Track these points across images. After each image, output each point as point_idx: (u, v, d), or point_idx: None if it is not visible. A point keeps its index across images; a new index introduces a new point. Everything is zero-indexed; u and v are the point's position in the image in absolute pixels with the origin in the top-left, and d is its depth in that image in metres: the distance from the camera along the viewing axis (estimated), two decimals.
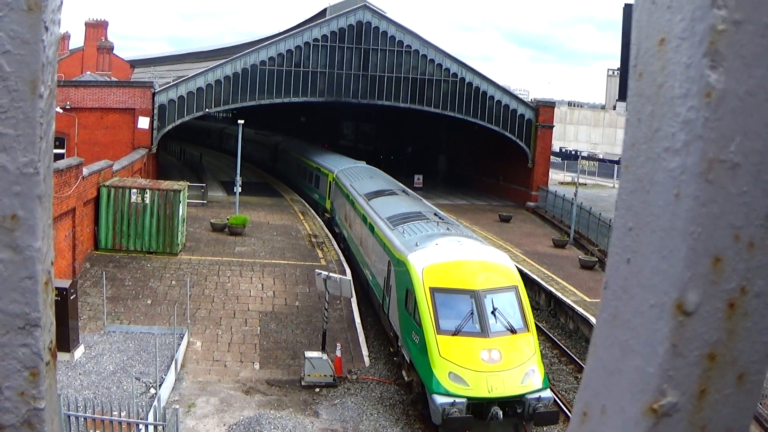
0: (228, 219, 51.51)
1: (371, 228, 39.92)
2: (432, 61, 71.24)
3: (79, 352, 28.99)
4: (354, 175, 55.08)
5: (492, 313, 27.61)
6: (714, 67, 1.14)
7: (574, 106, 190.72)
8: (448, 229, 34.71)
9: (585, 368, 1.40)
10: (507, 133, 73.35)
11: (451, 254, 30.17)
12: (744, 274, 1.20)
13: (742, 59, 1.14)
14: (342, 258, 47.05)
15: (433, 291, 28.04)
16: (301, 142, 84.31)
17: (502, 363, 26.28)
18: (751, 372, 1.24)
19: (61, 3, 1.45)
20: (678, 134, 1.18)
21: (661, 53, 1.22)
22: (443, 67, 71.48)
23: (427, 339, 26.75)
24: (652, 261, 1.23)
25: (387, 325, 34.48)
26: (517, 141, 73.61)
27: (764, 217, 1.19)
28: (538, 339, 29.51)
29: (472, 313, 27.40)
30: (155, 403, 24.39)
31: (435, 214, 39.30)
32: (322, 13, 72.80)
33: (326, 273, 33.14)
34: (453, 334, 26.71)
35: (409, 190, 50.74)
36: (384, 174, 58.14)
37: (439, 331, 26.84)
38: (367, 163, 66.87)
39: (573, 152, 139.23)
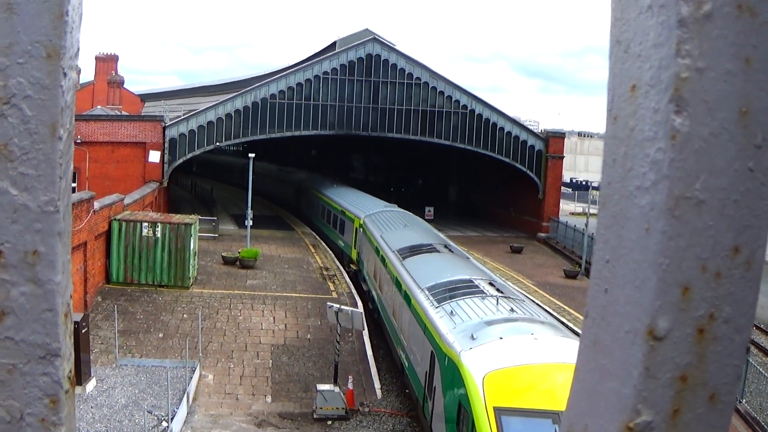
0: (239, 252, 51.55)
1: (407, 298, 31.74)
2: (441, 93, 71.43)
3: (90, 385, 29.01)
4: (384, 223, 47.62)
5: None
6: (679, 111, 1.24)
7: (585, 136, 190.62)
8: (512, 309, 25.78)
9: (570, 391, 1.49)
10: (517, 165, 73.41)
11: (523, 354, 21.56)
12: (712, 302, 1.29)
13: (705, 104, 1.24)
14: (353, 291, 46.95)
15: (500, 413, 20.04)
16: (325, 180, 78.22)
17: None
18: (722, 393, 1.32)
19: (78, 49, 1.54)
20: (648, 174, 1.28)
21: (632, 99, 1.32)
22: (453, 99, 71.64)
23: None
24: (627, 290, 1.32)
25: None
26: (528, 172, 73.66)
27: (730, 249, 1.28)
28: None
29: None
30: None
31: (491, 284, 30.26)
32: (332, 46, 73.19)
33: (338, 306, 33.10)
34: None
35: (453, 245, 42.39)
36: (420, 221, 51.47)
37: None
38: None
39: (584, 183, 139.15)
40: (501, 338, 22.47)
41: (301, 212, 78.48)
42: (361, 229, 50.66)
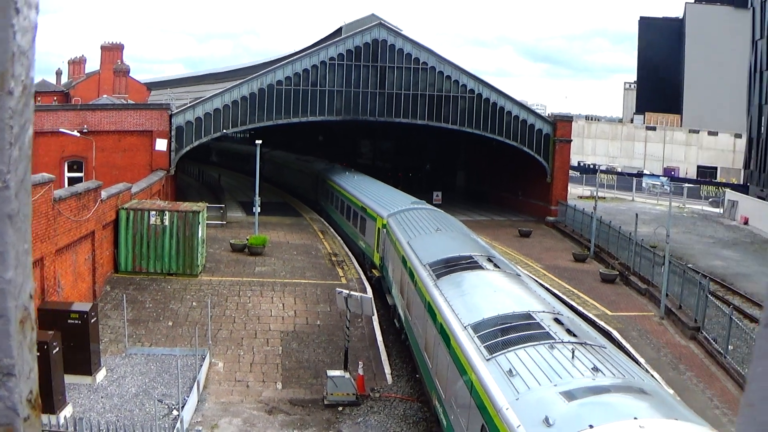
0: (247, 239, 51.49)
1: (444, 335, 24.18)
2: (448, 77, 71.26)
3: (101, 375, 28.96)
4: (412, 225, 40.21)
5: None
6: None
7: (592, 119, 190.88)
8: (595, 368, 17.81)
9: (737, 423, 1.25)
10: (525, 148, 73.32)
11: None
12: None
13: None
14: (362, 276, 46.83)
15: None
16: (345, 171, 72.52)
17: None
18: None
19: None
20: None
21: None
22: (460, 84, 71.48)
23: None
24: None
25: None
26: (536, 156, 73.56)
27: None
28: None
29: None
30: (178, 425, 24.34)
31: (557, 321, 21.97)
32: (338, 31, 72.98)
33: (347, 291, 32.96)
34: None
35: (498, 256, 33.29)
36: (454, 222, 43.12)
37: None
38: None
39: (591, 166, 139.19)
40: (591, 427, 15.25)
41: (320, 207, 73.01)
42: (385, 230, 43.50)
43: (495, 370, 18.91)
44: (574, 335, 20.52)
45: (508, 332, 21.11)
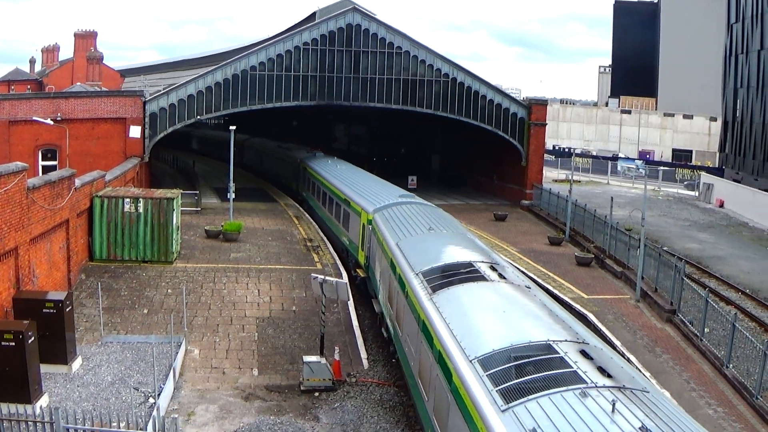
0: (222, 225, 51.29)
1: (445, 368, 19.20)
2: (423, 61, 71.17)
3: (76, 364, 28.82)
4: (401, 223, 35.47)
5: None
6: None
7: (567, 103, 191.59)
8: (644, 428, 13.10)
9: None
10: (500, 132, 73.34)
11: None
12: None
13: None
14: (338, 261, 46.74)
15: None
16: (327, 160, 68.80)
17: None
18: None
19: None
20: None
21: None
22: (434, 68, 71.42)
23: None
24: None
25: None
26: (511, 140, 73.62)
27: None
28: None
29: None
30: (154, 412, 24.24)
31: (584, 354, 17.14)
32: (312, 16, 72.75)
33: (322, 277, 32.82)
34: None
35: (501, 262, 28.23)
36: (449, 220, 38.15)
37: None
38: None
39: (566, 149, 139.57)
40: None
41: (302, 197, 69.43)
42: (371, 227, 39.03)
43: (515, 428, 14.26)
44: (609, 375, 15.87)
45: (525, 371, 16.75)
